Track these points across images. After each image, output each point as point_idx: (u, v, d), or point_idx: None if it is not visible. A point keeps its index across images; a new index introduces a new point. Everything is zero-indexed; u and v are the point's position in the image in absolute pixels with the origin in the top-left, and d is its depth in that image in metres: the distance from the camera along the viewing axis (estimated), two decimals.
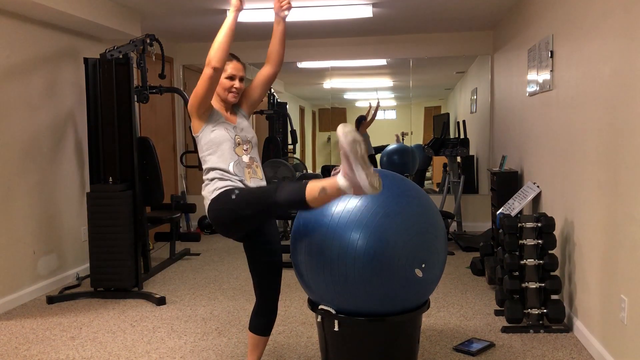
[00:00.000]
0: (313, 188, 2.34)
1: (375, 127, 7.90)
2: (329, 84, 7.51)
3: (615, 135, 2.89)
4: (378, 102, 7.74)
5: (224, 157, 2.65)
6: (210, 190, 2.65)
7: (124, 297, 4.40)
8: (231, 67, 2.78)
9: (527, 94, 4.73)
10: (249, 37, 6.72)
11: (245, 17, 5.36)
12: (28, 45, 4.46)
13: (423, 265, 2.56)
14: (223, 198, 2.59)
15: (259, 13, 5.28)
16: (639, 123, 2.61)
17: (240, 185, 2.63)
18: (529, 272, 3.55)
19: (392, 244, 2.50)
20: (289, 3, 2.87)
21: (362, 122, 7.79)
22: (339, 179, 2.29)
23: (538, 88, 4.33)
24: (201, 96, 2.67)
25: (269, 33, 2.99)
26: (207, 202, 2.66)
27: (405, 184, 2.73)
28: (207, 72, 2.62)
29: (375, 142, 7.82)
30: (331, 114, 7.73)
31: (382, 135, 7.84)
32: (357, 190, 2.27)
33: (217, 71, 2.61)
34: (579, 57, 3.45)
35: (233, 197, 2.56)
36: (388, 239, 2.50)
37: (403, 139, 7.66)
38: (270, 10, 5.13)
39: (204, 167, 2.72)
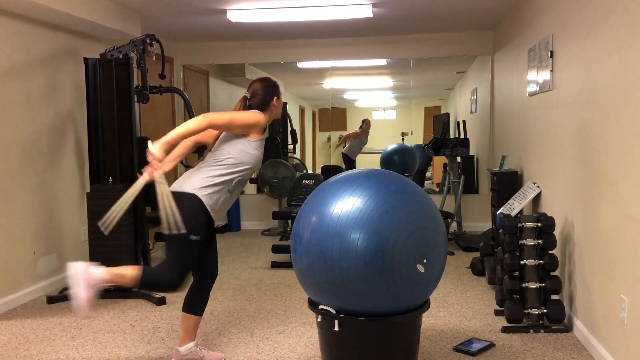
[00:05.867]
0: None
1: (375, 128, 7.92)
2: (329, 84, 7.51)
3: (615, 135, 2.89)
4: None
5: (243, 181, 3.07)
6: (208, 193, 2.93)
7: (124, 297, 4.40)
8: None
9: (527, 94, 4.73)
10: (249, 37, 6.73)
11: (246, 17, 5.36)
12: (28, 45, 4.46)
13: (425, 261, 2.57)
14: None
15: (259, 13, 5.28)
16: (639, 123, 2.61)
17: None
18: (529, 272, 3.55)
19: (392, 241, 2.50)
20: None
21: (361, 127, 7.86)
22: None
23: (538, 88, 4.33)
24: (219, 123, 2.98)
25: (269, 33, 3.04)
26: (200, 193, 2.92)
27: (401, 181, 2.74)
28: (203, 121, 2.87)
29: (375, 143, 7.83)
30: (331, 114, 7.73)
31: (383, 136, 7.84)
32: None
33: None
34: (579, 57, 3.45)
35: (194, 237, 2.89)
36: (388, 236, 2.50)
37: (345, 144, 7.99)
38: (269, 10, 5.15)
39: (226, 162, 2.97)
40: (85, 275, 2.78)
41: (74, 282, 2.79)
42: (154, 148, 2.77)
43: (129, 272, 2.87)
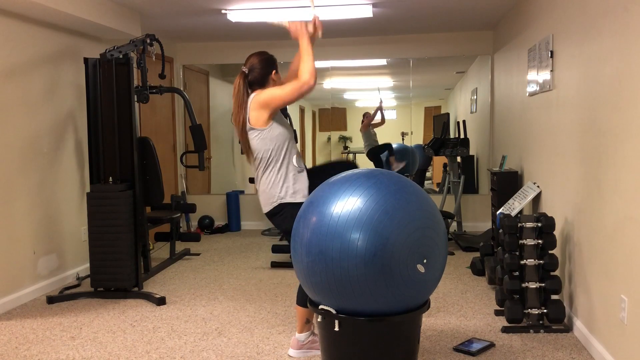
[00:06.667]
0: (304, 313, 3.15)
1: (375, 128, 7.91)
2: (329, 84, 7.51)
3: (615, 135, 2.89)
4: (381, 102, 7.75)
5: (293, 152, 3.11)
6: (290, 193, 3.06)
7: (124, 297, 4.40)
8: None
9: (527, 94, 4.73)
10: (249, 37, 6.73)
11: (246, 17, 5.37)
12: (28, 45, 4.46)
13: (425, 261, 2.57)
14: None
15: (259, 13, 5.28)
16: (638, 123, 2.61)
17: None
18: (529, 272, 3.55)
19: (392, 241, 2.50)
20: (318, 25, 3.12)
21: (363, 121, 7.80)
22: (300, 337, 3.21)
23: (538, 88, 4.33)
24: (287, 101, 3.01)
25: (269, 33, 3.05)
26: (283, 199, 3.05)
27: (402, 181, 2.74)
28: (307, 85, 2.93)
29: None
30: (331, 114, 7.73)
31: (383, 136, 7.84)
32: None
33: (313, 86, 2.95)
34: (579, 57, 3.45)
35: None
36: (388, 236, 2.50)
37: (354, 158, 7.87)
38: (269, 10, 5.15)
39: (270, 160, 3.05)
40: (304, 345, 3.22)
41: (310, 351, 3.23)
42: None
43: (303, 312, 3.16)
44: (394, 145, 7.67)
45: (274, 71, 3.13)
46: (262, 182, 3.12)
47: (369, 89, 8.23)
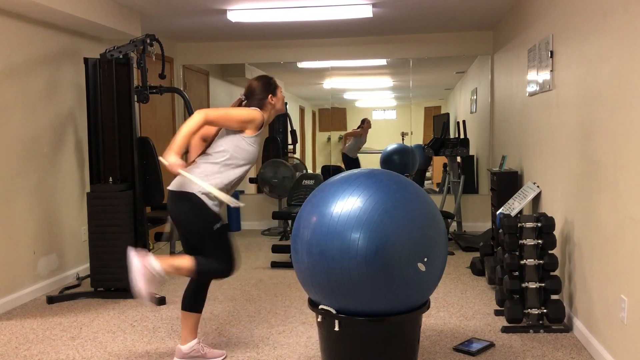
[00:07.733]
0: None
1: (375, 128, 7.92)
2: (329, 84, 7.51)
3: (615, 135, 2.89)
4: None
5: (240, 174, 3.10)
6: (212, 196, 3.00)
7: (124, 297, 4.40)
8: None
9: (527, 94, 4.73)
10: (249, 37, 6.72)
11: (246, 17, 5.36)
12: (28, 45, 4.46)
13: (425, 259, 2.57)
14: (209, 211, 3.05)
15: (258, 13, 5.28)
16: (639, 123, 2.61)
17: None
18: (529, 272, 3.55)
19: (392, 240, 2.50)
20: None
21: (363, 126, 7.82)
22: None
23: (538, 88, 4.33)
24: (211, 118, 3.03)
25: (269, 33, 3.03)
26: (204, 194, 2.98)
27: (401, 181, 2.74)
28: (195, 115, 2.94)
29: (376, 143, 7.83)
30: (331, 114, 7.73)
31: (383, 136, 7.85)
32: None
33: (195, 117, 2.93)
34: (579, 57, 3.45)
35: (217, 226, 3.10)
36: (389, 235, 2.50)
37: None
38: (269, 10, 5.15)
39: (220, 159, 3.01)
40: (144, 268, 2.91)
41: (134, 274, 2.92)
42: (170, 160, 2.83)
43: (184, 264, 3.00)
44: (394, 146, 7.68)
45: (269, 95, 3.16)
46: (201, 166, 3.03)
47: (369, 89, 8.24)
